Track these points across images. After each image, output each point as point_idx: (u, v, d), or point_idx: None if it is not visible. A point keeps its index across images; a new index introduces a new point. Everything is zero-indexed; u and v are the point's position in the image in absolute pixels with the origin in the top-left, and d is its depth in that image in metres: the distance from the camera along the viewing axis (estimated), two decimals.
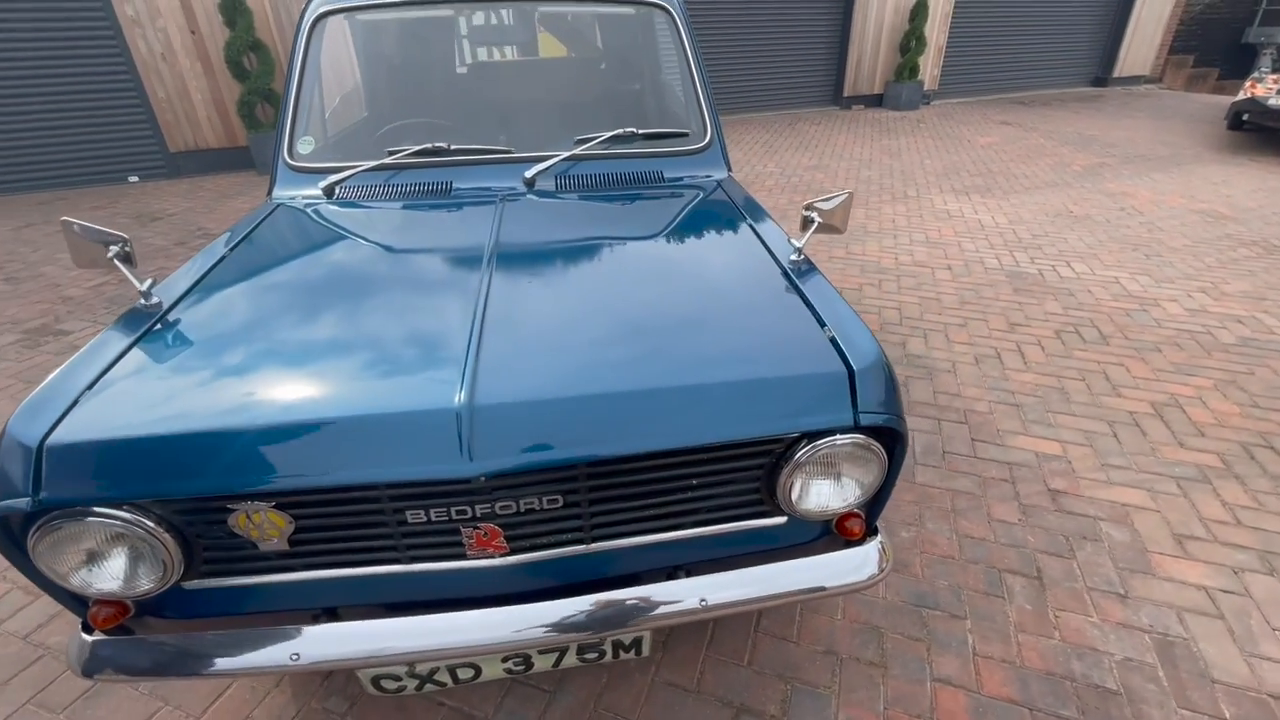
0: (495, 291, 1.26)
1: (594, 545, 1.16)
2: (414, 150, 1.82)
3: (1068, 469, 2.22)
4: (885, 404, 1.08)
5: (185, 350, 1.14)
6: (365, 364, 1.08)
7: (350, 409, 0.98)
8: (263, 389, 1.04)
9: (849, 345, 1.12)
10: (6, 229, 5.09)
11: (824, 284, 1.32)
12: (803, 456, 1.08)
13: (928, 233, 4.56)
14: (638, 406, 1.01)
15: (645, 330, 1.17)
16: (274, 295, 1.31)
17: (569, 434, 0.99)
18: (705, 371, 1.06)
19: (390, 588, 1.15)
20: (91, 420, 0.98)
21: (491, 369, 1.04)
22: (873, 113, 9.40)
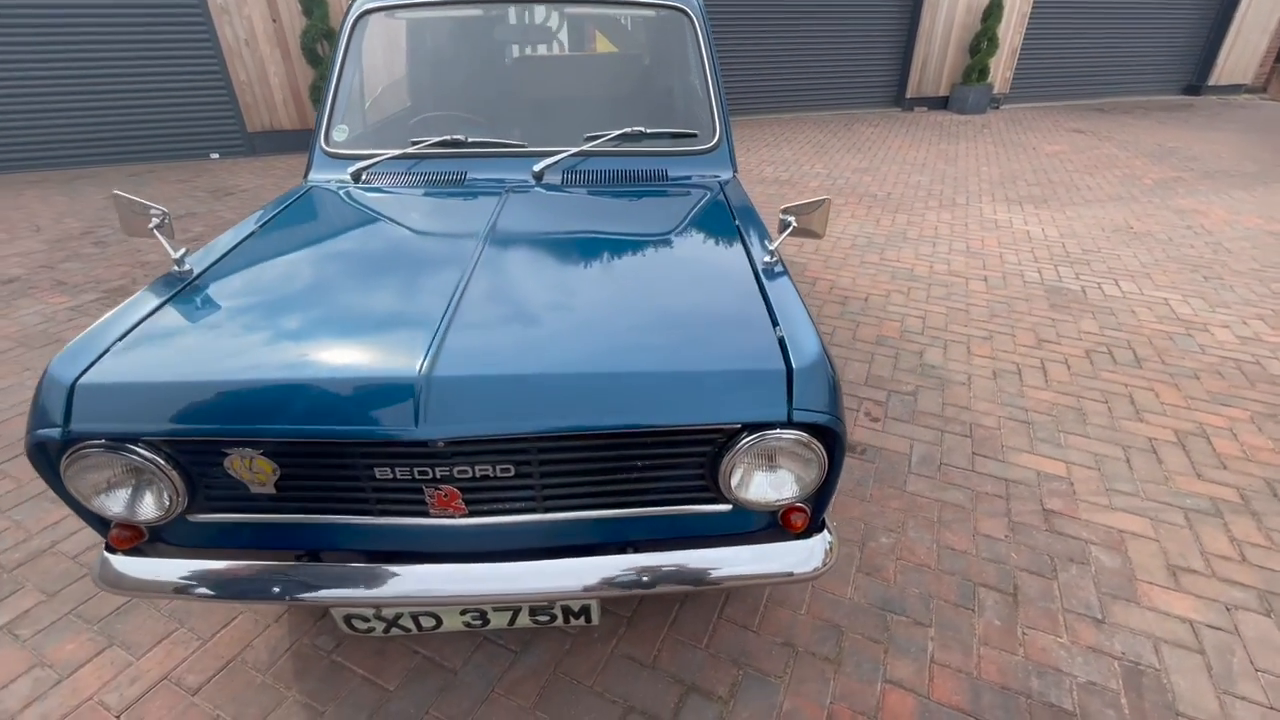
0: (478, 275, 1.37)
1: (546, 515, 1.25)
2: (434, 141, 1.96)
3: (1068, 490, 2.18)
4: (822, 403, 1.13)
5: (203, 312, 1.30)
6: (349, 331, 1.20)
7: (325, 371, 1.11)
8: (259, 348, 1.18)
9: (794, 346, 1.18)
10: (100, 197, 5.59)
11: (788, 287, 1.37)
12: (743, 447, 1.15)
13: (969, 242, 4.44)
14: (583, 388, 1.10)
15: (608, 318, 1.26)
16: (287, 268, 1.46)
17: (515, 408, 1.08)
18: (653, 360, 1.14)
19: (363, 537, 1.28)
20: (116, 367, 1.14)
21: (456, 343, 1.15)
22: (936, 115, 9.11)
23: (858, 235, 4.57)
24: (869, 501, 2.12)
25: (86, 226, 4.86)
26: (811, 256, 4.19)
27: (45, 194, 5.70)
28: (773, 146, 7.29)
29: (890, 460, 2.32)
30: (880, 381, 2.80)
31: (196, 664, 1.60)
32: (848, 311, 3.44)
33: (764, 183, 5.87)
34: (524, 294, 1.32)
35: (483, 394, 1.08)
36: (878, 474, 2.25)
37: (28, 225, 4.91)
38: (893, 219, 4.90)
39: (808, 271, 3.96)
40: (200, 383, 1.11)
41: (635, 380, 1.11)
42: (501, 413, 1.08)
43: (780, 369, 1.13)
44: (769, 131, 8.08)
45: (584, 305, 1.30)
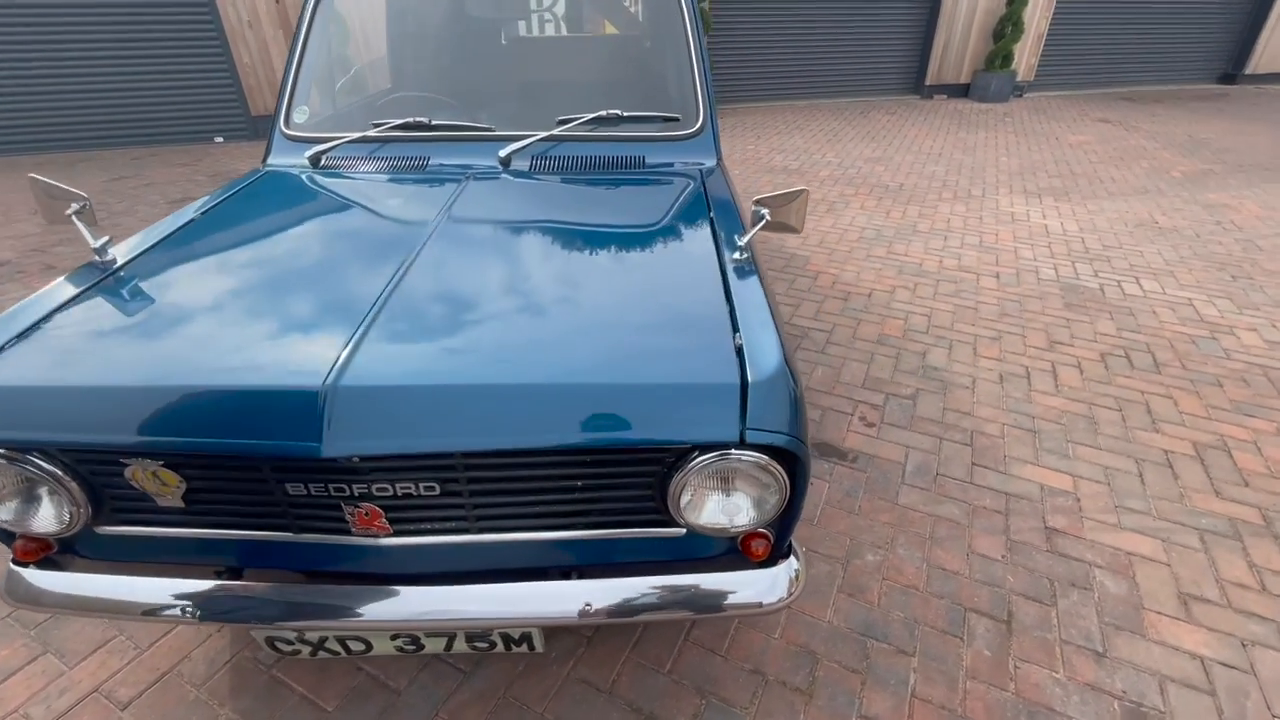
0: (415, 272, 1.26)
1: (480, 536, 1.14)
2: (396, 124, 1.84)
3: (1073, 506, 2.02)
4: (779, 422, 1.00)
5: (113, 309, 1.19)
6: (263, 335, 1.09)
7: (227, 379, 1.00)
8: (163, 352, 1.07)
9: (752, 356, 1.05)
10: (100, 180, 5.56)
11: (755, 287, 1.24)
12: (694, 468, 1.03)
13: (983, 236, 4.25)
14: (506, 401, 0.98)
15: (551, 323, 1.13)
16: (215, 262, 1.35)
17: (428, 423, 0.97)
18: (590, 371, 1.02)
19: (284, 555, 1.18)
20: (8, 369, 1.04)
21: (371, 350, 1.03)
22: (956, 103, 8.81)
23: (865, 227, 4.38)
24: (857, 514, 1.99)
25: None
26: (815, 249, 4.03)
27: (46, 177, 5.68)
28: (784, 134, 7.08)
29: (883, 469, 2.18)
30: (878, 384, 2.65)
31: (130, 675, 1.52)
32: (849, 308, 3.29)
33: (772, 172, 5.69)
34: (460, 294, 1.20)
35: (391, 407, 0.97)
36: (869, 484, 2.11)
37: (26, 208, 4.88)
38: (903, 211, 4.70)
39: (810, 265, 3.80)
40: (94, 388, 1.01)
41: (566, 394, 0.99)
42: (412, 428, 0.97)
43: (734, 383, 1.00)
44: (782, 119, 7.86)
45: (524, 308, 1.17)
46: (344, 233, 1.45)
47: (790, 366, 1.07)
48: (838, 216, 4.59)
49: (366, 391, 0.96)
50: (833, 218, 4.57)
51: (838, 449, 2.27)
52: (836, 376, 2.69)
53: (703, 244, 1.41)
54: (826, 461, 2.21)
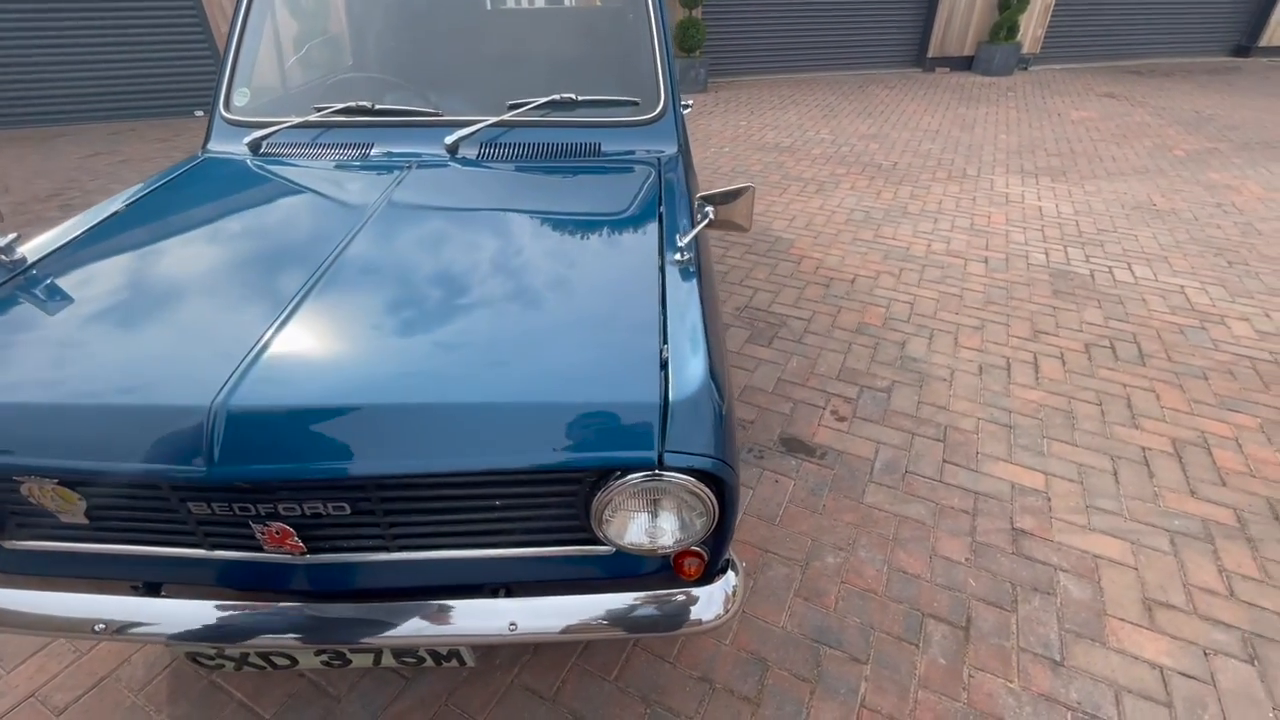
0: (332, 275, 1.19)
1: (399, 555, 1.10)
2: (337, 108, 1.75)
3: (1043, 506, 1.98)
4: (701, 443, 0.94)
5: (11, 314, 1.13)
6: (160, 348, 1.03)
7: (115, 397, 0.94)
8: (51, 366, 1.01)
9: (677, 370, 0.98)
10: (76, 157, 5.44)
11: (691, 292, 1.17)
12: (615, 489, 0.97)
13: (974, 218, 4.14)
14: (409, 423, 0.92)
15: (468, 335, 1.07)
16: (127, 263, 1.28)
17: (322, 447, 0.91)
18: (500, 387, 0.96)
19: (198, 571, 1.13)
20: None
21: (267, 366, 0.97)
22: (958, 77, 8.57)
23: (854, 209, 4.27)
24: (820, 514, 1.95)
25: (56, 189, 4.72)
26: (801, 232, 3.93)
27: (22, 153, 5.57)
28: (779, 109, 6.90)
29: (851, 466, 2.13)
30: (854, 375, 2.59)
31: (68, 680, 1.49)
32: (830, 295, 3.21)
33: (764, 149, 5.55)
34: (375, 301, 1.13)
35: (282, 429, 0.91)
36: (835, 482, 2.07)
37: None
38: (895, 192, 4.59)
39: (793, 249, 3.71)
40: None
41: (472, 414, 0.93)
42: (303, 452, 0.91)
43: (653, 401, 0.94)
44: (777, 93, 7.65)
45: (441, 317, 1.10)
46: (268, 230, 1.38)
47: (718, 381, 1.01)
48: (826, 197, 4.48)
49: (256, 412, 0.91)
50: (821, 198, 4.45)
51: (806, 445, 2.22)
52: (812, 368, 2.63)
53: (646, 243, 1.33)
54: (794, 458, 2.16)
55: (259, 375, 0.95)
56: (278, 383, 0.94)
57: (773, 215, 4.17)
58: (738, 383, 2.53)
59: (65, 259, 1.29)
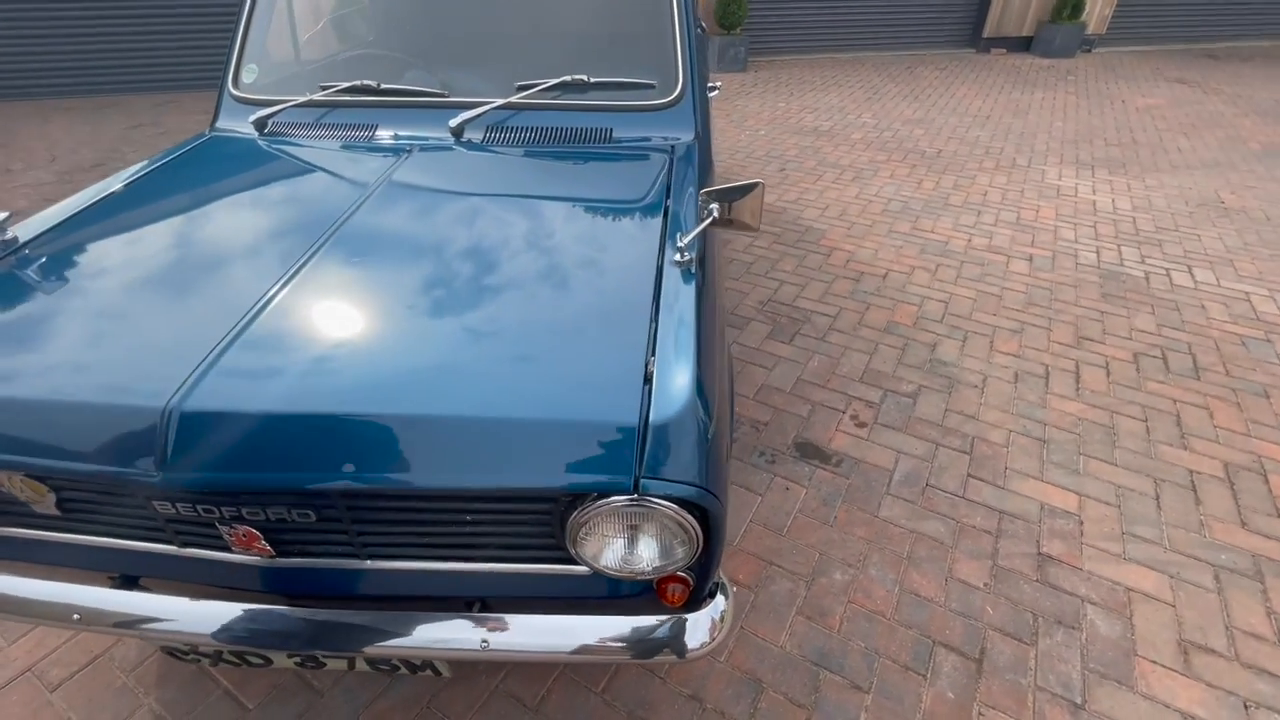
0: (309, 270, 1.13)
1: (370, 563, 1.05)
2: (342, 87, 1.69)
3: (1074, 531, 1.84)
4: (683, 469, 0.86)
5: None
6: (129, 342, 0.99)
7: (76, 394, 0.91)
8: (14, 355, 0.98)
9: (661, 386, 0.90)
10: (120, 127, 5.56)
11: (687, 298, 1.08)
12: (589, 511, 0.90)
13: (1021, 212, 3.90)
14: (365, 433, 0.87)
15: (445, 339, 1.00)
16: (109, 248, 1.25)
17: (278, 456, 0.86)
18: (470, 399, 0.89)
19: (171, 566, 1.11)
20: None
21: (229, 365, 0.92)
22: (1015, 59, 8.12)
23: (892, 199, 4.08)
24: (831, 526, 1.85)
25: (99, 159, 4.83)
26: (834, 222, 3.76)
27: (71, 122, 5.72)
28: (820, 91, 6.63)
29: (868, 476, 2.02)
30: (878, 378, 2.46)
31: (65, 656, 1.51)
32: (860, 290, 3.06)
33: (801, 133, 5.34)
34: (353, 298, 1.07)
35: (235, 435, 0.86)
36: (850, 492, 1.96)
37: (46, 154, 4.92)
38: (937, 181, 4.36)
39: (825, 239, 3.55)
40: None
41: (435, 427, 0.87)
42: (256, 460, 0.86)
43: (630, 421, 0.86)
44: (819, 74, 7.36)
45: (420, 318, 1.04)
46: (256, 217, 1.33)
47: (707, 399, 0.92)
48: (863, 185, 4.28)
49: (208, 417, 0.86)
50: (858, 187, 4.26)
51: (822, 450, 2.11)
52: (834, 368, 2.51)
53: (647, 240, 1.24)
54: (807, 464, 2.06)
55: (219, 375, 0.91)
56: (237, 384, 0.90)
57: (805, 204, 4.01)
58: (754, 381, 2.43)
59: (52, 243, 1.26)
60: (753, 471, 2.03)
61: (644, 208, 1.36)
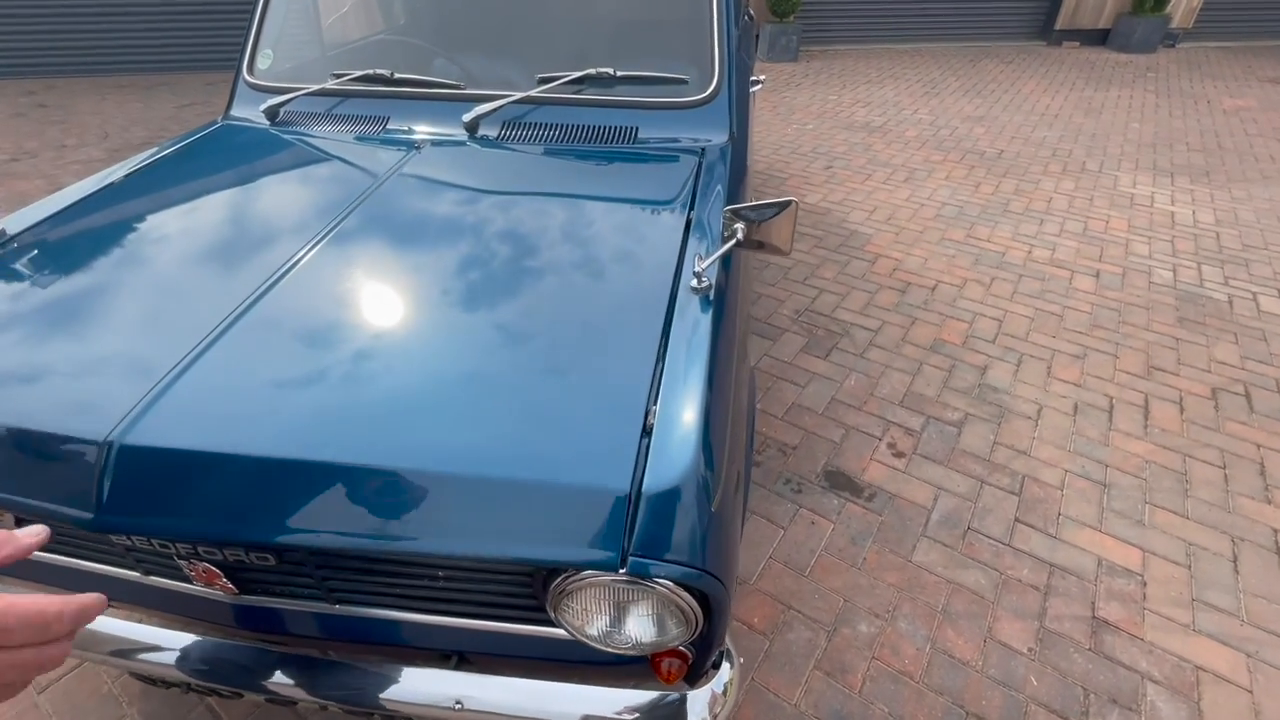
0: (288, 283, 1.03)
1: (339, 608, 0.96)
2: (354, 76, 1.60)
3: (1136, 593, 1.64)
4: (682, 547, 0.74)
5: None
6: (83, 362, 0.90)
7: (15, 415, 0.83)
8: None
9: (660, 443, 0.77)
10: (172, 106, 5.66)
11: (701, 334, 0.94)
12: (571, 581, 0.79)
13: (1089, 222, 3.60)
14: (325, 484, 0.76)
15: (417, 379, 0.86)
16: (91, 246, 1.17)
17: (224, 501, 0.77)
18: (443, 453, 0.77)
19: (136, 593, 1.04)
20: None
21: (184, 395, 0.83)
22: (1089, 53, 7.60)
23: (946, 203, 3.82)
24: (859, 569, 1.70)
25: (149, 137, 4.92)
26: (881, 227, 3.54)
27: (124, 100, 5.85)
28: (874, 84, 6.32)
29: (903, 514, 1.85)
30: (920, 402, 2.27)
31: None
32: (905, 303, 2.85)
33: (851, 128, 5.08)
34: (326, 322, 0.96)
35: (178, 477, 0.77)
36: (882, 531, 1.80)
37: (98, 132, 5.04)
38: (996, 185, 4.07)
39: (870, 245, 3.34)
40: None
41: (398, 481, 0.76)
42: (200, 508, 0.77)
43: (622, 487, 0.74)
44: (875, 65, 7.02)
45: (396, 348, 0.92)
46: (247, 218, 1.24)
47: (713, 459, 0.79)
48: (916, 187, 4.03)
49: (150, 454, 0.77)
50: (910, 188, 4.01)
51: (854, 482, 1.95)
52: (872, 388, 2.33)
53: (662, 262, 1.10)
54: (837, 496, 1.90)
55: (168, 406, 0.81)
56: (187, 417, 0.80)
57: (851, 205, 3.79)
58: (783, 399, 2.27)
59: (32, 238, 1.20)
60: (776, 501, 1.89)
61: (662, 221, 1.22)
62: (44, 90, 6.04)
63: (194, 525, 0.78)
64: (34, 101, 5.71)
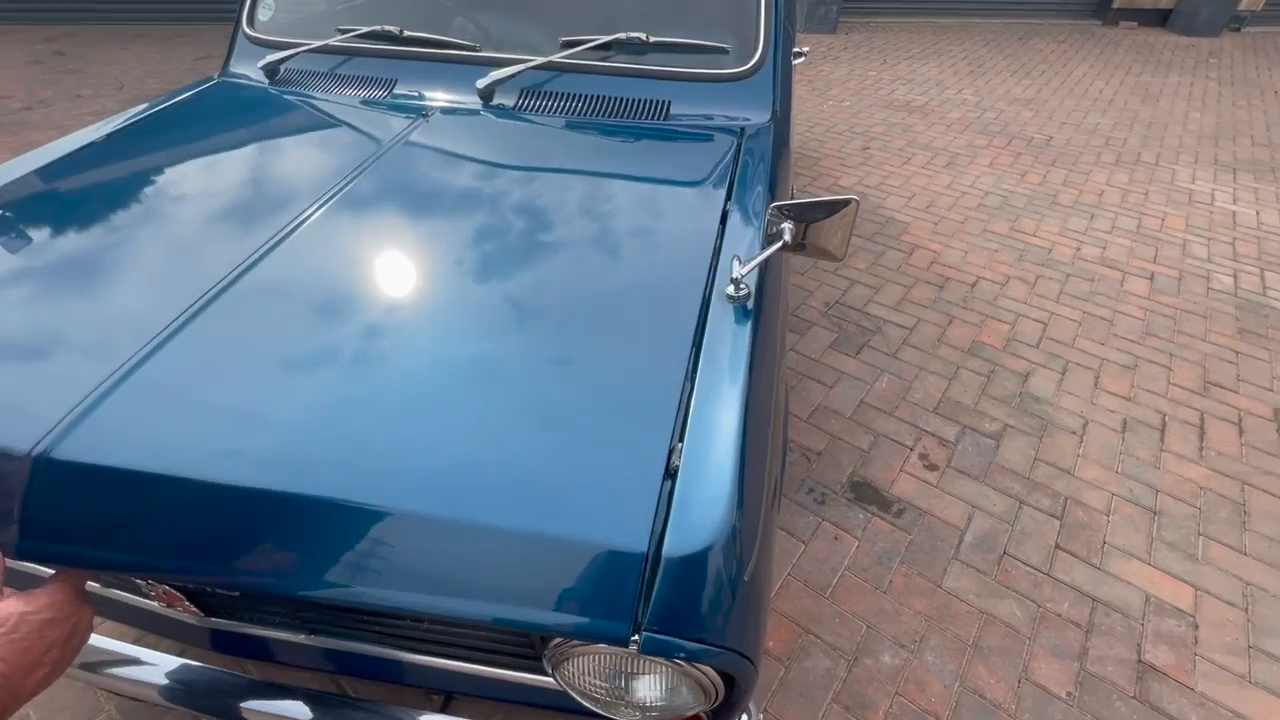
0: (262, 268, 0.91)
1: (315, 639, 0.86)
2: (360, 33, 1.45)
3: (1187, 636, 1.51)
4: (703, 624, 0.61)
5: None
6: (22, 357, 0.79)
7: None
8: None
9: (685, 492, 0.65)
10: (189, 58, 5.52)
11: (739, 349, 0.81)
12: (570, 647, 0.67)
13: (1144, 219, 3.37)
14: (293, 519, 0.65)
15: (398, 398, 0.73)
16: (63, 215, 1.06)
17: (164, 532, 0.66)
18: (415, 491, 0.65)
19: (111, 606, 0.95)
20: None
21: (131, 399, 0.71)
22: (1148, 34, 7.16)
23: (989, 192, 3.60)
24: (885, 592, 1.58)
25: (163, 89, 4.79)
26: (919, 215, 3.34)
27: (144, 49, 5.71)
28: (916, 60, 5.99)
29: (934, 534, 1.72)
30: (956, 410, 2.12)
31: None
32: (943, 299, 2.68)
33: (891, 107, 4.82)
34: (305, 319, 0.84)
35: (109, 499, 0.66)
36: (910, 550, 1.68)
37: (114, 82, 4.92)
38: (1044, 175, 3.83)
39: (907, 235, 3.15)
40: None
41: (366, 522, 0.64)
42: (133, 539, 0.66)
43: (637, 545, 0.61)
44: (919, 40, 6.67)
45: (371, 357, 0.78)
46: (227, 189, 1.11)
47: (747, 508, 0.66)
48: (957, 174, 3.80)
49: (80, 472, 0.66)
50: (950, 175, 3.78)
51: (881, 495, 1.82)
52: (904, 392, 2.19)
53: (693, 262, 0.96)
54: (863, 510, 1.78)
55: (112, 411, 0.70)
56: (130, 427, 0.69)
57: (887, 190, 3.58)
58: (809, 400, 2.13)
59: (9, 201, 1.09)
60: (797, 512, 1.76)
61: (695, 213, 1.08)
62: (63, 37, 5.91)
63: (133, 560, 0.67)
64: (52, 49, 5.60)
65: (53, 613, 0.62)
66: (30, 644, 0.59)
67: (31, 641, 0.59)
